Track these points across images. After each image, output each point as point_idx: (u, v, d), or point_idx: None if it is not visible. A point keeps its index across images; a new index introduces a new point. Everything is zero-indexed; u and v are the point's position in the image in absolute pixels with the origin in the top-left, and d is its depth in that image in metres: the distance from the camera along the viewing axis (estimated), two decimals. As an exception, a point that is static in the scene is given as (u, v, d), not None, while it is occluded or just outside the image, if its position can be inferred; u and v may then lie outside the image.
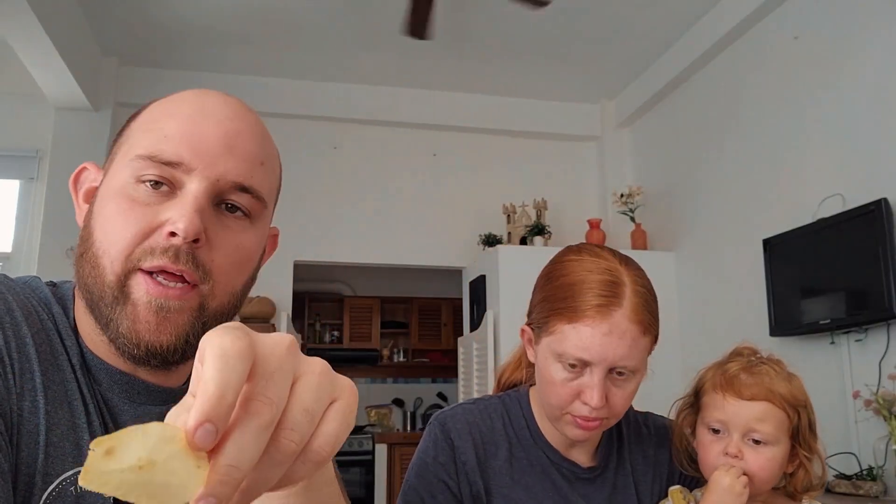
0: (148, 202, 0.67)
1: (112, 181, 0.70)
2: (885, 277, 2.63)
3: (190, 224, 0.65)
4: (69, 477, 0.65)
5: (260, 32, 4.05)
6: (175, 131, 0.68)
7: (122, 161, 0.70)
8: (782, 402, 1.05)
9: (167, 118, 0.70)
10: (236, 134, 0.71)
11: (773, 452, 1.05)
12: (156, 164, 0.67)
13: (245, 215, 0.72)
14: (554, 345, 1.01)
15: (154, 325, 0.66)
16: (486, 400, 1.16)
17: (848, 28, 3.06)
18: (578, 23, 3.93)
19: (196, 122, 0.69)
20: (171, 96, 0.74)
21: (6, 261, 4.25)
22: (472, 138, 4.88)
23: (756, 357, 1.11)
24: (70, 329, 0.71)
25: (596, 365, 0.98)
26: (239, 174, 0.70)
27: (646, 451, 1.16)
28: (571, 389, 1.00)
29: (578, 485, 1.09)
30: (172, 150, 0.67)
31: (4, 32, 3.33)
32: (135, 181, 0.68)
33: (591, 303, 0.99)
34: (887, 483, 2.59)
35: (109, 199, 0.69)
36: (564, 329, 0.99)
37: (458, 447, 1.08)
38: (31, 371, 0.64)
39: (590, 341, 0.97)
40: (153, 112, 0.72)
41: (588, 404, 0.98)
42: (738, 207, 3.69)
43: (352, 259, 4.68)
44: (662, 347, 1.12)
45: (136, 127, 0.72)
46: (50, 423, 0.64)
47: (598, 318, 0.98)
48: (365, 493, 5.68)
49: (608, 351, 0.97)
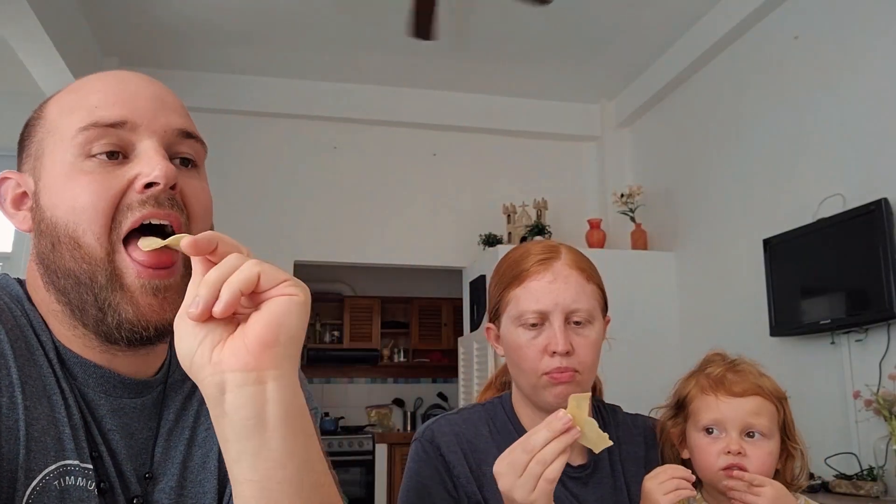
0: (107, 172, 0.68)
1: (56, 168, 0.70)
2: (886, 277, 2.63)
3: (168, 169, 0.68)
4: (52, 471, 0.65)
5: (260, 32, 4.05)
6: (104, 100, 0.70)
7: (58, 147, 0.70)
8: (770, 396, 1.08)
9: (88, 95, 0.71)
10: (161, 91, 0.74)
11: (770, 446, 1.06)
12: (101, 129, 0.69)
13: (194, 165, 0.75)
14: (512, 312, 1.09)
15: (157, 307, 0.69)
16: (469, 409, 1.17)
17: (848, 28, 3.05)
18: (578, 23, 3.93)
19: (120, 87, 0.72)
20: (72, 85, 0.75)
21: (6, 261, 4.25)
22: (472, 138, 4.88)
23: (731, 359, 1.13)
24: (44, 324, 0.71)
25: (551, 312, 1.05)
26: (177, 122, 0.73)
27: (637, 452, 1.16)
28: (538, 347, 1.06)
29: (570, 485, 1.09)
30: (110, 113, 0.69)
31: (4, 32, 3.33)
32: (84, 157, 0.69)
33: (533, 261, 1.09)
34: (888, 483, 2.59)
35: (64, 185, 0.69)
36: (516, 293, 1.09)
37: (451, 462, 1.08)
38: (7, 367, 0.64)
39: (539, 292, 1.06)
40: (64, 101, 0.73)
41: (556, 351, 1.04)
42: (738, 207, 3.69)
43: (352, 259, 4.68)
44: (662, 347, 1.13)
45: (54, 119, 0.72)
46: (29, 419, 0.64)
47: (542, 271, 1.08)
48: (365, 493, 5.68)
49: (557, 295, 1.06)
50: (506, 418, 1.14)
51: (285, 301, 0.55)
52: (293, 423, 0.55)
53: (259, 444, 0.53)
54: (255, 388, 0.53)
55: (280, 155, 4.64)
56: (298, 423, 0.56)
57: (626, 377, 3.34)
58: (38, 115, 0.76)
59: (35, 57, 3.52)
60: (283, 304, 0.55)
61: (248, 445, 0.53)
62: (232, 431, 0.54)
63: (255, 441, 0.53)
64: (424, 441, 1.11)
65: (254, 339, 0.54)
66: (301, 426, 0.56)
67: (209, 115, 4.18)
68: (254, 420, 0.53)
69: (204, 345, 0.55)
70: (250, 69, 4.47)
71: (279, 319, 0.55)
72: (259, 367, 0.54)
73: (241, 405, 0.53)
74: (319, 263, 4.75)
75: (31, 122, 0.76)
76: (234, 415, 0.53)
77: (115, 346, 0.71)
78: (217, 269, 0.55)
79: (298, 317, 0.56)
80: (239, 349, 0.54)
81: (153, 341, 0.71)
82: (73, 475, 0.66)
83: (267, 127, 4.64)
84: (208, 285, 0.54)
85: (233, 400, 0.53)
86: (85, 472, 0.67)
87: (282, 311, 0.55)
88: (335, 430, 6.09)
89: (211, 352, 0.54)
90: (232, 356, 0.54)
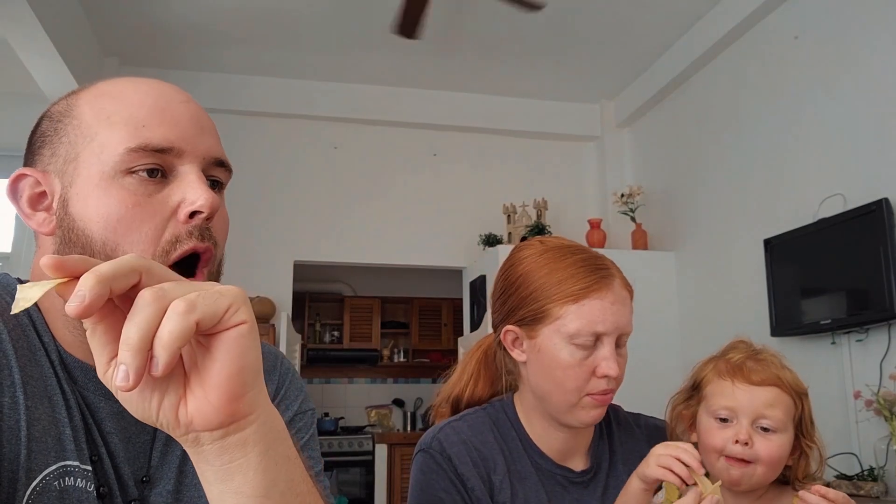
0: (147, 192, 0.69)
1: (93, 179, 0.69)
2: (886, 277, 2.63)
3: (213, 200, 0.69)
4: (52, 472, 0.65)
5: (260, 32, 4.05)
6: (149, 118, 0.70)
7: (96, 157, 0.69)
8: (789, 389, 1.05)
9: (131, 108, 0.71)
10: (199, 113, 0.75)
11: (781, 440, 1.03)
12: (149, 154, 0.69)
13: (220, 189, 0.77)
14: (563, 328, 1.03)
15: None
16: (472, 414, 1.13)
17: (848, 28, 3.05)
18: (578, 23, 3.93)
19: (164, 107, 0.71)
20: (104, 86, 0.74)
21: (6, 261, 4.25)
22: (472, 138, 4.88)
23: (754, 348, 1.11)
24: (45, 325, 0.71)
25: (608, 335, 1.02)
26: (215, 150, 0.74)
27: (639, 452, 1.13)
28: (587, 368, 1.02)
29: (573, 489, 1.09)
30: (159, 137, 0.69)
31: (4, 32, 3.32)
32: (124, 173, 0.68)
33: (592, 278, 1.04)
34: (888, 483, 2.59)
35: (100, 198, 0.68)
36: (572, 310, 1.02)
37: (464, 474, 1.04)
38: (10, 367, 0.64)
39: (601, 314, 1.02)
40: (100, 106, 0.72)
41: (608, 375, 1.02)
42: (738, 207, 3.69)
43: (352, 259, 4.68)
44: (663, 347, 1.13)
45: (90, 123, 0.71)
46: (31, 419, 0.64)
47: (603, 290, 1.03)
48: (365, 493, 5.68)
49: (619, 319, 1.03)
50: (509, 425, 1.12)
51: (237, 337, 0.47)
52: (275, 453, 0.52)
53: (241, 482, 0.50)
54: (235, 438, 0.49)
55: (280, 155, 4.64)
56: (281, 450, 0.53)
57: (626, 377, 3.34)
58: (65, 111, 0.73)
59: (35, 57, 3.52)
60: (237, 343, 0.47)
61: (230, 486, 0.50)
62: (213, 475, 0.50)
63: (237, 481, 0.50)
64: (434, 452, 1.06)
65: (218, 397, 0.47)
66: (283, 452, 0.53)
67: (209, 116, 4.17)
68: (236, 464, 0.50)
69: (164, 408, 0.48)
70: (250, 69, 4.47)
71: (239, 363, 0.47)
72: (234, 420, 0.49)
73: (221, 453, 0.49)
74: (319, 263, 4.75)
75: (56, 117, 0.73)
76: (214, 461, 0.50)
77: None
78: (136, 325, 0.44)
79: (255, 347, 0.48)
80: (205, 409, 0.47)
81: None
82: (72, 476, 0.66)
83: (267, 127, 4.64)
84: (131, 349, 0.43)
85: (212, 450, 0.49)
86: (84, 474, 0.67)
87: (238, 353, 0.47)
88: (335, 430, 6.09)
89: (175, 413, 0.48)
90: (201, 418, 0.48)
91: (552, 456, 1.10)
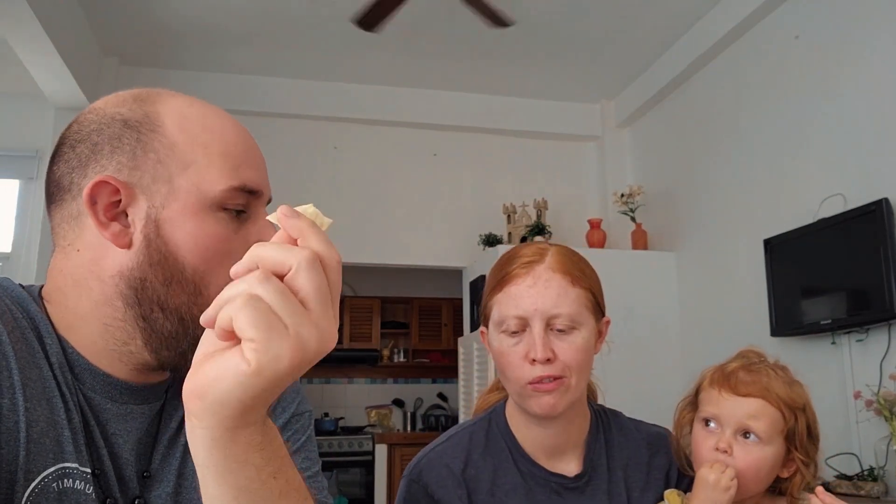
0: (234, 228, 0.72)
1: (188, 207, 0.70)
2: (887, 277, 2.63)
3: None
4: (51, 473, 0.65)
5: (260, 32, 4.05)
6: (244, 159, 0.74)
7: (193, 186, 0.70)
8: (778, 402, 1.05)
9: (225, 143, 0.73)
10: (259, 150, 0.79)
11: (763, 452, 1.04)
12: (243, 194, 0.73)
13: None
14: (495, 317, 1.06)
15: None
16: (457, 434, 1.14)
17: (849, 28, 3.05)
18: (578, 23, 3.93)
19: (251, 147, 0.76)
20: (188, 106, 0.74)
21: (6, 261, 4.24)
22: (472, 138, 4.88)
23: (760, 360, 1.11)
24: (50, 327, 0.71)
25: (531, 318, 1.02)
26: (270, 191, 0.78)
27: (639, 458, 1.13)
28: (519, 354, 1.02)
29: (567, 495, 1.07)
30: (254, 180, 0.74)
31: (4, 32, 3.33)
32: (218, 207, 0.71)
33: (516, 264, 1.06)
34: (888, 483, 2.59)
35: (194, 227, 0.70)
36: (498, 298, 1.06)
37: (441, 498, 1.04)
38: (9, 369, 0.64)
39: (518, 297, 1.03)
40: (192, 129, 0.72)
41: (535, 359, 1.00)
42: (738, 207, 3.68)
43: (352, 259, 4.67)
44: (663, 347, 1.12)
45: (183, 147, 0.71)
46: (30, 420, 0.64)
47: (523, 275, 1.04)
48: (365, 493, 5.68)
49: (536, 300, 1.02)
50: (499, 434, 1.12)
51: (227, 363, 0.48)
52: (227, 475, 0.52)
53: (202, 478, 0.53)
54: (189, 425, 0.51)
55: (280, 155, 4.63)
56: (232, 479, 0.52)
57: (627, 378, 3.34)
58: (143, 121, 0.71)
59: (35, 57, 3.52)
60: (223, 367, 0.48)
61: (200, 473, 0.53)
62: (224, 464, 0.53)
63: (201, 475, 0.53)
64: (412, 481, 1.07)
65: (188, 382, 0.50)
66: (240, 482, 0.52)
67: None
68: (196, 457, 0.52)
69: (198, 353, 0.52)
70: (250, 69, 4.47)
71: (212, 377, 0.49)
72: (188, 411, 0.50)
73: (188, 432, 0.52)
74: (319, 263, 4.74)
75: (134, 125, 0.71)
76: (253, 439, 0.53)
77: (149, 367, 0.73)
78: (228, 289, 0.49)
79: (231, 387, 0.48)
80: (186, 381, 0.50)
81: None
82: (71, 478, 0.66)
83: (267, 127, 4.62)
84: (215, 304, 0.49)
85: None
86: (83, 476, 0.67)
87: (217, 374, 0.48)
88: (335, 430, 6.09)
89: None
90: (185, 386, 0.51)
91: (543, 459, 1.09)
